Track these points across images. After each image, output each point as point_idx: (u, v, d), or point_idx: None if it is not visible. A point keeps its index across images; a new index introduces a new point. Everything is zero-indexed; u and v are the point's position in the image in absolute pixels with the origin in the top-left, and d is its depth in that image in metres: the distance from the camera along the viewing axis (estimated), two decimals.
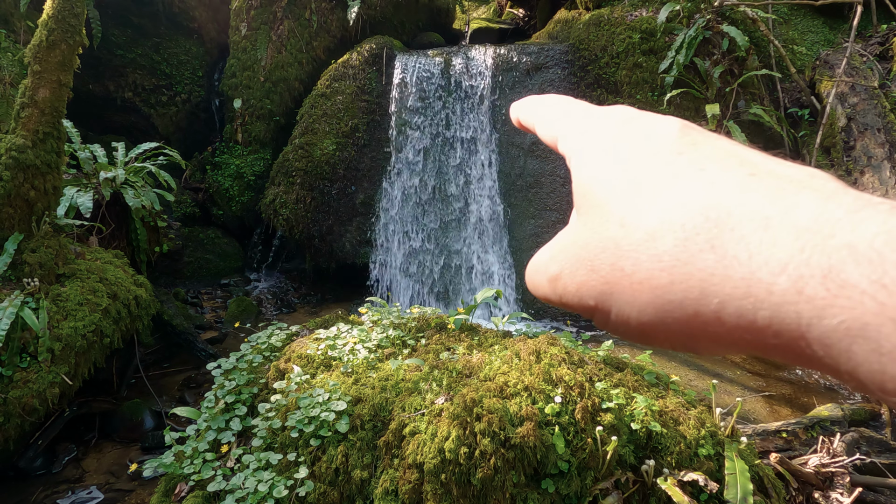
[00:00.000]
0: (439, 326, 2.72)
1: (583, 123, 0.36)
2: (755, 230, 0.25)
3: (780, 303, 0.23)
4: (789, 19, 6.77)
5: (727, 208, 0.26)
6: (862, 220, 0.23)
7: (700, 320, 0.26)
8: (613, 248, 0.29)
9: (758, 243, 0.25)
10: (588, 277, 0.31)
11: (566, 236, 0.34)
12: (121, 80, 7.34)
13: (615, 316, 0.30)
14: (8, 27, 5.80)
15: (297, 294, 6.67)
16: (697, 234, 0.26)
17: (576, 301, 0.32)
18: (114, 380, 4.35)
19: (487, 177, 6.25)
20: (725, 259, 0.25)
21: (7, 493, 3.46)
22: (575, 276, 0.31)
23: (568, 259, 0.32)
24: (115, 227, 4.96)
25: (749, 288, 0.24)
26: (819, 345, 0.23)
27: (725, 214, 0.26)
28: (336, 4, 7.24)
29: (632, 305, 0.28)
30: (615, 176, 0.31)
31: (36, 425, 3.54)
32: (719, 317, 0.25)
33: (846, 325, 0.22)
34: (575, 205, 0.34)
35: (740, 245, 0.25)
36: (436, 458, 1.87)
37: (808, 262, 0.23)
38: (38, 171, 3.65)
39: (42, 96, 3.64)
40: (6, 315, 3.32)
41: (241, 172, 7.21)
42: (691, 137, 0.31)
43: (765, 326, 0.24)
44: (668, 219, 0.28)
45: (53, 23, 3.60)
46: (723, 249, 0.25)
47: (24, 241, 3.70)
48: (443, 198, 6.26)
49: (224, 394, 2.51)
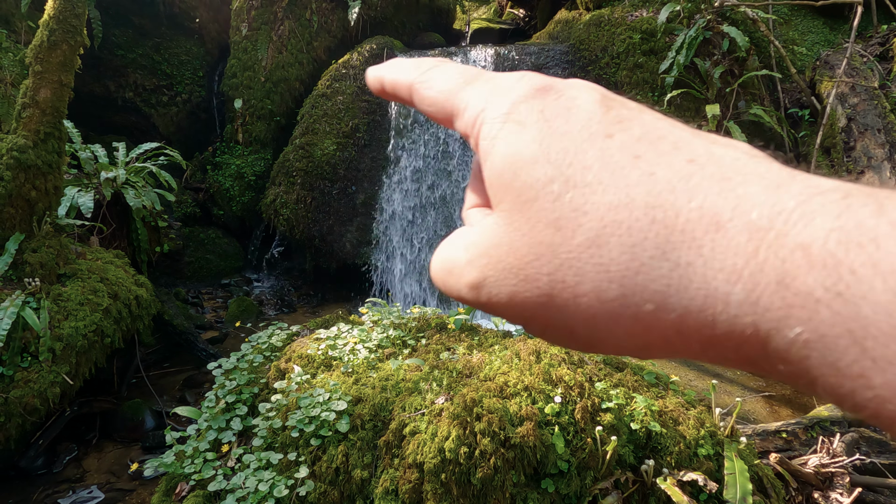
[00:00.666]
0: (439, 326, 2.73)
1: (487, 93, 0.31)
2: (706, 231, 0.23)
3: (738, 314, 0.22)
4: (789, 20, 6.77)
5: (674, 206, 0.24)
6: (814, 213, 0.21)
7: (658, 334, 0.24)
8: (550, 256, 0.26)
9: (710, 247, 0.23)
10: (521, 288, 0.27)
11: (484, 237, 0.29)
12: (121, 80, 7.35)
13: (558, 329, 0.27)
14: (9, 27, 5.81)
15: (298, 294, 6.68)
16: (645, 238, 0.24)
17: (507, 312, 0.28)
18: (115, 379, 4.35)
19: None
20: (679, 268, 0.23)
21: (8, 492, 3.47)
22: (503, 285, 0.28)
23: (492, 265, 0.28)
24: (115, 227, 4.97)
25: (706, 299, 0.23)
26: (778, 358, 0.22)
27: (673, 214, 0.24)
28: (337, 5, 7.25)
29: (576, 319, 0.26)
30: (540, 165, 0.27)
31: (37, 425, 3.55)
32: (678, 329, 0.24)
33: (804, 338, 0.21)
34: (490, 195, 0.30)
35: (693, 250, 0.23)
36: (436, 458, 1.88)
37: (763, 268, 0.21)
38: (39, 171, 3.66)
39: (43, 96, 3.65)
40: (7, 315, 3.33)
41: (241, 172, 7.21)
42: (616, 113, 0.28)
43: (724, 338, 0.23)
44: (611, 220, 0.25)
45: (55, 23, 3.60)
46: (675, 256, 0.23)
47: (26, 241, 3.71)
48: (443, 197, 6.27)
49: (225, 393, 2.52)
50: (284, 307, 6.31)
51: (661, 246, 0.24)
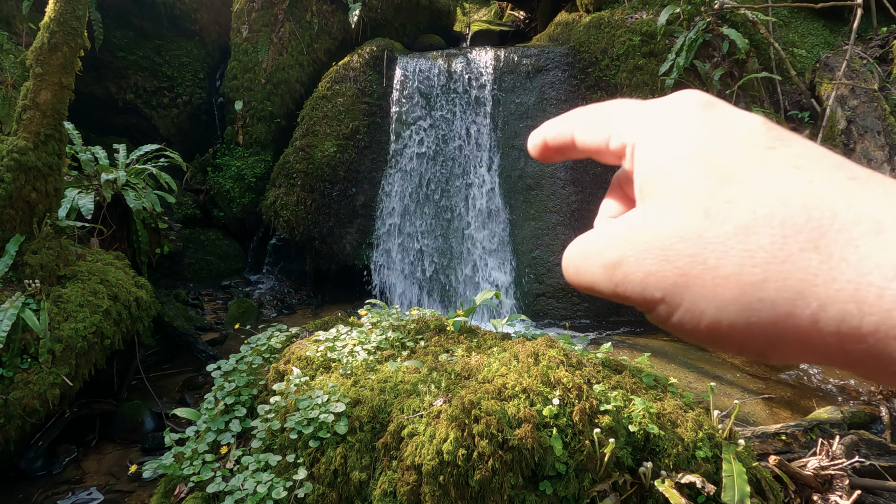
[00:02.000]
0: (438, 328, 2.73)
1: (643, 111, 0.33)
2: (865, 233, 0.24)
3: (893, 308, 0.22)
4: (789, 22, 6.78)
5: (832, 209, 0.25)
6: None
7: (792, 322, 0.24)
8: (695, 239, 0.27)
9: (869, 246, 0.23)
10: (658, 267, 0.28)
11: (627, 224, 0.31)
12: (122, 81, 7.36)
13: (685, 311, 0.27)
14: (10, 29, 5.82)
15: (298, 296, 6.68)
16: (799, 232, 0.25)
17: (637, 291, 0.29)
18: (114, 381, 4.36)
19: (487, 178, 6.26)
20: (832, 260, 0.24)
21: (7, 493, 3.47)
22: (641, 264, 0.29)
23: (633, 246, 0.30)
24: (116, 228, 4.97)
25: (856, 292, 0.23)
26: None
27: (831, 215, 0.25)
28: (337, 7, 7.26)
29: (710, 301, 0.26)
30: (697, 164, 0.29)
31: (36, 426, 3.55)
32: (816, 321, 0.24)
33: None
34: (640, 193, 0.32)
35: (848, 247, 0.24)
36: (434, 460, 1.88)
37: None
38: (39, 172, 3.67)
39: (44, 98, 3.66)
40: (7, 316, 3.33)
41: (242, 174, 7.22)
42: (778, 132, 0.29)
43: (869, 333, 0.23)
44: (765, 213, 0.26)
45: (55, 25, 3.61)
46: (828, 250, 0.24)
47: (26, 243, 3.71)
48: (443, 199, 6.27)
49: (224, 395, 2.52)
50: (284, 309, 6.32)
51: (815, 240, 0.24)
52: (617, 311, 6.08)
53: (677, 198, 0.29)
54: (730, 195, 0.27)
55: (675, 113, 0.32)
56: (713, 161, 0.29)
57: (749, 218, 0.26)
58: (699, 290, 0.27)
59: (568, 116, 0.38)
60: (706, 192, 0.28)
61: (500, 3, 11.34)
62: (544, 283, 6.02)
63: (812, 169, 0.27)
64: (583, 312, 5.99)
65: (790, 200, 0.26)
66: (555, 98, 6.41)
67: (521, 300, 5.95)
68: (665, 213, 0.29)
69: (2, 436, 3.24)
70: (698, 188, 0.28)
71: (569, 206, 6.11)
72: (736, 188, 0.27)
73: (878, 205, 0.24)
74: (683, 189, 0.29)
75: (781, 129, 0.30)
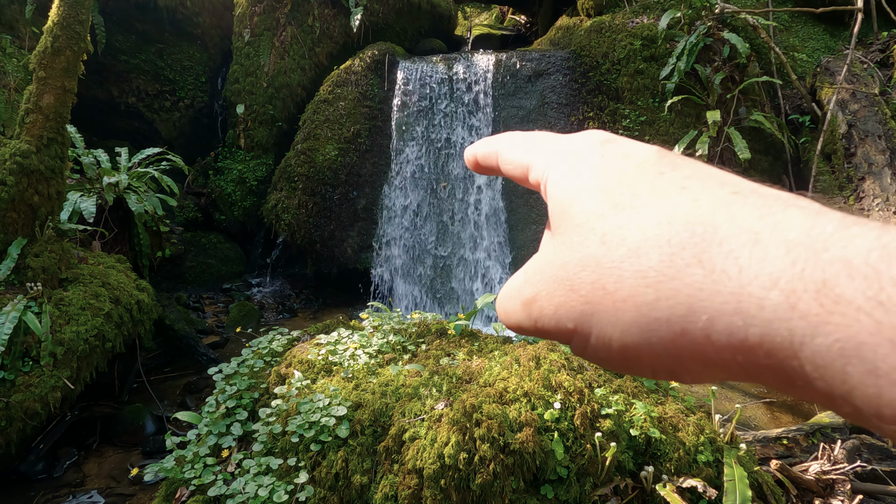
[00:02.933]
0: (440, 332, 2.73)
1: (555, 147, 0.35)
2: (744, 244, 0.24)
3: (772, 319, 0.22)
4: (790, 26, 6.79)
5: (713, 223, 0.26)
6: (854, 236, 0.22)
7: (688, 339, 0.25)
8: (594, 266, 0.28)
9: (748, 257, 0.24)
10: (567, 298, 0.29)
11: (541, 259, 0.32)
12: (124, 85, 7.38)
13: (595, 338, 0.28)
14: (13, 33, 5.84)
15: (299, 299, 6.68)
16: (684, 248, 0.26)
17: (553, 324, 0.30)
18: (115, 384, 4.36)
19: (489, 182, 6.27)
20: (714, 273, 0.24)
21: (8, 496, 3.47)
22: (552, 297, 0.30)
23: (544, 280, 0.31)
24: (117, 231, 4.98)
25: (739, 303, 0.23)
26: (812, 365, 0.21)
27: (712, 230, 0.25)
28: (339, 11, 7.28)
29: (614, 326, 0.27)
30: (595, 194, 0.30)
31: (38, 429, 3.55)
32: (708, 335, 0.24)
33: (840, 345, 0.21)
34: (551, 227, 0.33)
35: (729, 259, 0.24)
36: (435, 464, 1.88)
37: (802, 276, 0.22)
38: (42, 176, 3.68)
39: (46, 102, 3.67)
40: (9, 319, 3.34)
41: (243, 177, 7.24)
42: (670, 159, 0.31)
43: (756, 345, 0.23)
44: (653, 234, 0.27)
45: (58, 29, 3.63)
46: (711, 264, 0.24)
47: (28, 246, 3.72)
48: (444, 203, 6.28)
49: (225, 398, 2.52)
50: (285, 312, 6.32)
51: (698, 255, 0.25)
52: None
53: (579, 227, 0.30)
54: (622, 221, 0.28)
55: (577, 150, 0.34)
56: (608, 190, 0.30)
57: (639, 240, 0.27)
58: (603, 316, 0.27)
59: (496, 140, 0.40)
60: (603, 220, 0.29)
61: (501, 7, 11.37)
62: None
63: (697, 188, 0.28)
64: None
65: (675, 219, 0.27)
66: (556, 102, 6.42)
67: None
68: (569, 245, 0.30)
69: (3, 438, 3.24)
70: (595, 217, 0.29)
71: None
72: (627, 213, 0.28)
73: (756, 216, 0.25)
74: (582, 220, 0.30)
75: (675, 155, 0.31)
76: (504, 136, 0.40)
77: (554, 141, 0.36)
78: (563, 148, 0.35)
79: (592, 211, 0.30)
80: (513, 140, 0.39)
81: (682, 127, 6.04)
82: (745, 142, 5.60)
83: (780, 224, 0.24)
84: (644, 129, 6.11)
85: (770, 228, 0.24)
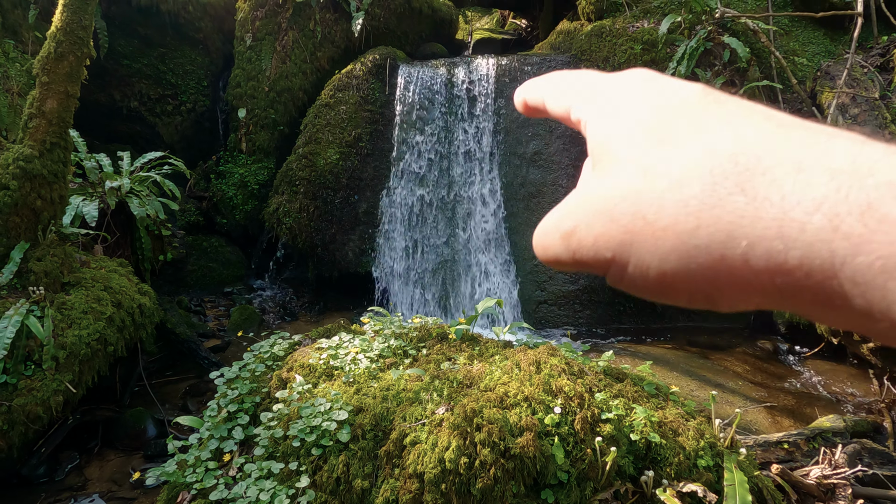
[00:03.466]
0: (440, 336, 2.74)
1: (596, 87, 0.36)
2: (787, 173, 0.25)
3: (813, 241, 0.23)
4: (790, 31, 6.81)
5: (756, 154, 0.26)
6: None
7: (726, 264, 0.25)
8: (635, 197, 0.29)
9: (791, 184, 0.24)
10: (606, 228, 0.30)
11: (581, 192, 0.33)
12: (127, 89, 7.41)
13: (633, 267, 0.29)
14: (16, 38, 5.87)
15: (300, 303, 6.69)
16: (726, 178, 0.26)
17: (591, 255, 0.30)
18: (117, 388, 4.37)
19: (489, 186, 6.28)
20: (756, 201, 0.25)
21: (10, 500, 3.48)
22: (592, 228, 0.30)
23: (584, 212, 0.31)
24: (119, 235, 5.00)
25: (781, 228, 0.24)
26: (851, 283, 0.22)
27: (755, 159, 0.26)
28: (340, 16, 7.31)
29: (653, 254, 0.28)
30: (638, 129, 0.31)
31: (39, 433, 3.56)
32: (747, 259, 0.25)
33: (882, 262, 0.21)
34: (593, 163, 0.34)
35: (772, 187, 0.25)
36: (436, 468, 1.89)
37: (846, 200, 0.23)
38: (44, 180, 3.69)
39: (49, 107, 3.69)
40: (12, 323, 3.35)
41: (245, 181, 7.25)
42: (715, 96, 0.31)
43: (795, 267, 0.24)
44: (695, 165, 0.27)
45: (62, 35, 3.65)
46: (753, 192, 0.25)
47: (30, 250, 3.73)
48: (445, 207, 6.29)
49: (226, 402, 2.53)
50: (287, 315, 6.33)
51: (741, 184, 0.26)
52: (619, 318, 6.08)
53: (620, 162, 0.31)
54: (664, 154, 0.29)
55: (621, 87, 0.34)
56: (651, 126, 0.31)
57: (681, 171, 0.28)
58: (642, 245, 0.28)
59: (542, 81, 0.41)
60: (644, 154, 0.30)
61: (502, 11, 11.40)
62: (546, 291, 6.03)
63: (742, 122, 0.28)
64: (585, 320, 6.00)
65: (719, 150, 0.27)
66: None
67: (523, 308, 5.96)
68: (610, 178, 0.31)
69: (5, 442, 3.25)
70: (638, 152, 0.30)
71: None
72: (671, 147, 0.29)
73: (800, 147, 0.26)
74: (625, 154, 0.31)
75: (718, 92, 0.31)
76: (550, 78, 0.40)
77: (596, 81, 0.37)
78: (604, 87, 0.35)
79: (636, 145, 0.31)
80: (557, 82, 0.39)
81: None
82: None
83: (824, 153, 0.25)
84: None
85: (814, 157, 0.25)
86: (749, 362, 5.32)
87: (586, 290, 6.04)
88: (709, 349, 5.59)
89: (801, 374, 5.07)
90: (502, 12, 11.47)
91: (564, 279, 6.05)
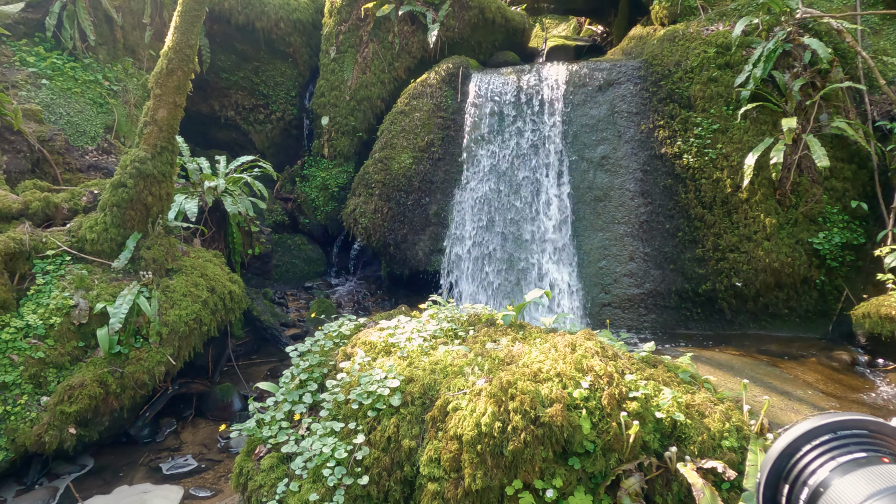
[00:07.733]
0: (489, 322, 2.97)
1: None
2: None
3: None
4: (880, 29, 6.49)
5: None
6: None
7: None
8: None
9: None
10: None
11: None
12: (225, 100, 8.17)
13: None
14: (134, 56, 6.66)
15: (373, 298, 7.11)
16: None
17: None
18: (209, 366, 4.90)
19: (557, 190, 6.42)
20: None
21: (120, 455, 4.03)
22: None
23: None
24: (215, 230, 5.58)
25: None
26: None
27: None
28: (417, 27, 7.70)
29: None
30: None
31: (145, 398, 4.10)
32: None
33: None
34: None
35: None
36: (473, 431, 2.11)
37: None
38: (155, 179, 4.26)
39: (161, 116, 4.25)
40: (126, 302, 3.89)
41: (326, 184, 7.79)
42: None
43: None
44: None
45: (172, 53, 4.20)
46: None
47: (142, 240, 4.31)
48: (512, 209, 6.49)
49: (299, 372, 2.88)
50: (360, 310, 6.75)
51: None
52: (686, 323, 6.03)
53: None
54: None
55: None
56: None
57: None
58: None
59: None
60: None
61: (578, 18, 11.46)
62: (610, 294, 6.08)
63: None
64: (649, 324, 5.99)
65: None
66: (626, 111, 6.49)
67: (586, 309, 6.04)
68: None
69: (118, 403, 3.78)
70: None
71: (637, 217, 6.16)
72: None
73: None
74: None
75: None
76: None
77: None
78: None
79: None
80: None
81: (756, 135, 5.93)
82: (824, 150, 5.44)
83: None
84: (717, 137, 6.06)
85: None
86: (822, 372, 5.14)
87: (652, 294, 6.04)
88: (779, 357, 5.45)
89: (877, 386, 4.86)
90: (579, 19, 11.52)
91: (630, 282, 6.08)
